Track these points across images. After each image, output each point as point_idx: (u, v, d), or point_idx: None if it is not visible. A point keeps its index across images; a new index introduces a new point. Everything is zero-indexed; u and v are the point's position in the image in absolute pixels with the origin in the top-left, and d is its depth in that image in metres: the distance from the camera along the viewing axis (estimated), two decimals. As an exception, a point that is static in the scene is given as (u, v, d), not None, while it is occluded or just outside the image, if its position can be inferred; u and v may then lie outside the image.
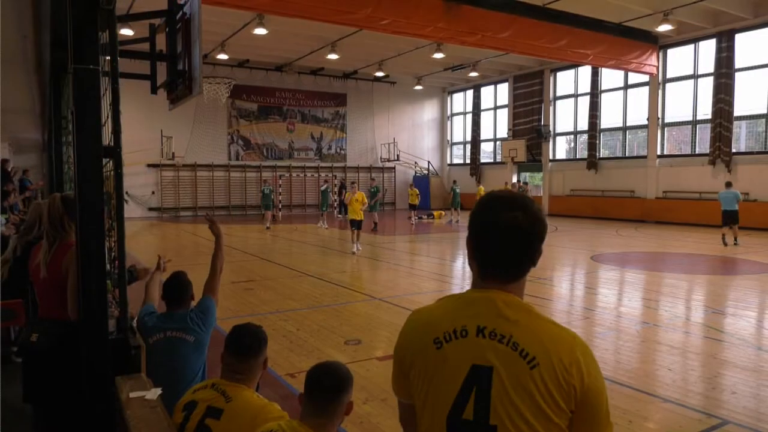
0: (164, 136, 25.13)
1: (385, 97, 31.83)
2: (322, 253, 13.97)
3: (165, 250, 15.01)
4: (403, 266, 11.65)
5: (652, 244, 15.49)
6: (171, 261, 4.16)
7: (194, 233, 19.39)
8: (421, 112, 33.58)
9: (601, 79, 24.70)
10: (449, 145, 34.37)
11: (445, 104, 34.15)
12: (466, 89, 32.62)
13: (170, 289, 3.35)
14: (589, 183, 25.20)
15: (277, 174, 28.45)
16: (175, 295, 3.32)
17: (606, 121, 25.03)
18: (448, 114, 34.14)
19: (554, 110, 27.35)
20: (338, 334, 6.38)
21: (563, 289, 9.54)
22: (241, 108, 28.21)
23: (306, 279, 10.06)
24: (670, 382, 4.95)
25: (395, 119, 32.49)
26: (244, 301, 8.18)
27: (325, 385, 2.11)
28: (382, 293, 8.66)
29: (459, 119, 33.92)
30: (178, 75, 4.07)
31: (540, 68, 27.29)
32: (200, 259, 12.98)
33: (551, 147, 27.38)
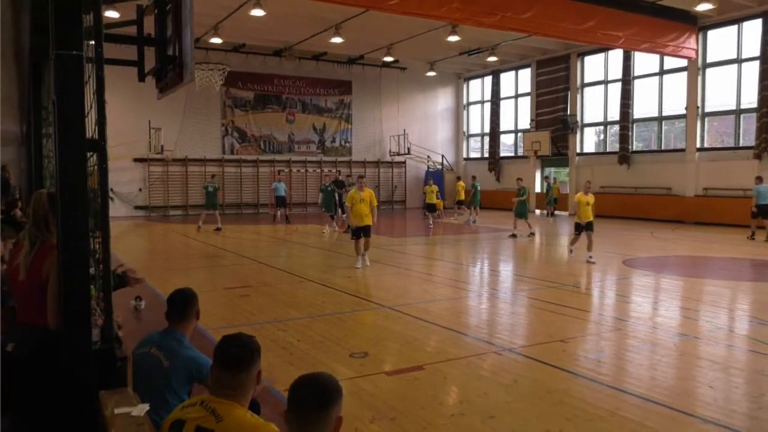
0: (152, 127, 25.27)
1: (394, 85, 31.84)
2: (325, 257, 13.99)
3: (153, 253, 15.10)
4: (414, 271, 11.64)
5: (691, 247, 15.38)
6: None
7: (185, 234, 19.48)
8: (434, 101, 33.55)
9: (633, 64, 24.56)
10: (465, 137, 34.32)
11: (460, 92, 34.10)
12: (484, 76, 32.53)
13: (171, 304, 3.37)
14: (620, 179, 25.06)
15: (275, 169, 28.55)
16: (176, 312, 3.34)
17: (639, 111, 24.88)
18: (464, 103, 34.09)
19: (582, 99, 27.22)
20: (343, 345, 6.39)
21: (592, 297, 9.49)
22: (237, 97, 28.33)
23: (307, 285, 10.07)
24: (711, 401, 4.91)
25: (406, 109, 32.48)
26: (238, 309, 8.21)
27: (308, 399, 2.08)
28: (391, 301, 8.65)
29: (476, 109, 33.85)
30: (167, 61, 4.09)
31: (566, 52, 27.18)
32: (192, 263, 13.03)
33: (578, 139, 27.26)
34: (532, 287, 9.99)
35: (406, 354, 6.14)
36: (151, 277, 10.63)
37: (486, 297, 9.37)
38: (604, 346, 6.53)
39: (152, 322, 7.24)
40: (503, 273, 11.99)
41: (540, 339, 6.69)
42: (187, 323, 3.35)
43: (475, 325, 7.46)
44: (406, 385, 5.20)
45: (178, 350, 3.19)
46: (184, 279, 10.62)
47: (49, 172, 6.51)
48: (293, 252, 14.58)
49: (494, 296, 9.36)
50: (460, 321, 7.60)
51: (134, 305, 7.95)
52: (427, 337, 6.87)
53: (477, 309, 8.60)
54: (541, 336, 6.81)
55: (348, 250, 15.20)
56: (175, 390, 3.10)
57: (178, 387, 3.12)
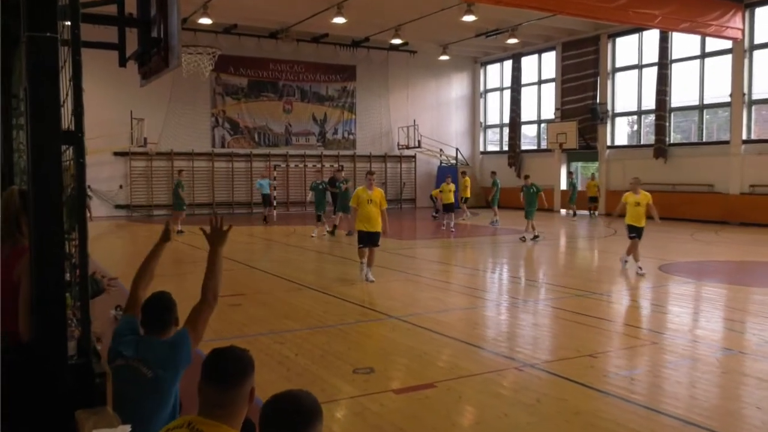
0: (135, 118, 25.40)
1: (403, 70, 31.86)
2: (326, 261, 14.00)
3: (135, 257, 15.14)
4: (425, 277, 11.64)
5: (735, 251, 15.30)
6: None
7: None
8: (447, 88, 33.54)
9: (671, 46, 24.47)
10: (482, 128, 34.29)
11: (477, 78, 34.08)
12: (503, 60, 32.50)
13: (147, 310, 3.38)
14: (656, 175, 24.96)
15: (270, 164, 28.61)
16: (153, 318, 3.35)
17: (678, 99, 24.79)
18: (481, 90, 34.07)
19: (613, 85, 27.15)
20: (346, 360, 6.39)
21: (624, 306, 9.45)
22: (228, 84, 28.43)
23: (306, 293, 10.09)
24: (760, 424, 4.88)
25: (416, 97, 32.50)
26: (229, 320, 8.23)
27: (281, 421, 2.06)
28: (399, 311, 8.66)
29: (494, 97, 33.81)
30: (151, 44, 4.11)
31: (595, 33, 27.11)
32: (179, 269, 13.08)
33: (609, 130, 27.19)
34: (557, 296, 9.96)
35: (415, 370, 6.14)
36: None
37: (505, 306, 9.36)
38: (637, 361, 6.50)
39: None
40: (525, 280, 11.97)
41: (566, 353, 6.67)
42: (165, 332, 3.36)
43: (493, 337, 7.45)
44: (415, 405, 5.20)
45: (158, 355, 3.21)
46: (170, 285, 10.58)
47: (21, 168, 6.55)
48: (290, 256, 14.61)
49: (514, 306, 9.34)
50: (476, 333, 7.59)
51: (114, 315, 7.99)
52: (440, 351, 6.87)
53: (495, 320, 8.59)
54: (567, 350, 6.79)
55: (351, 253, 15.20)
56: (163, 400, 3.11)
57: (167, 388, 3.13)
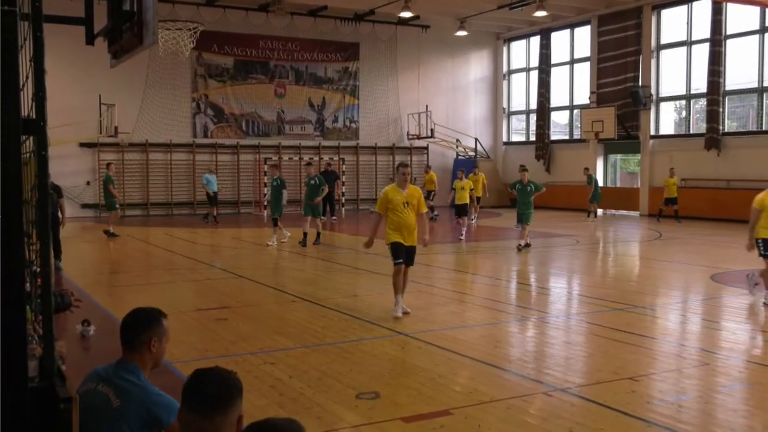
0: (104, 104, 25.48)
1: (414, 48, 31.89)
2: (325, 269, 14.02)
3: (105, 264, 15.24)
4: (440, 288, 11.63)
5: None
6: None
7: (145, 240, 19.62)
8: (465, 69, 33.54)
9: (725, 18, 24.37)
10: (506, 115, 34.27)
11: (499, 57, 34.07)
12: (530, 36, 32.47)
13: (123, 327, 3.40)
14: (708, 169, 24.87)
15: (260, 157, 28.69)
16: (128, 336, 3.37)
17: (733, 80, 24.68)
18: (505, 71, 34.05)
19: (657, 65, 27.08)
20: (347, 383, 6.40)
21: (671, 321, 9.43)
22: (211, 64, 28.52)
23: (302, 305, 10.10)
24: (828, 457, 4.85)
25: (428, 79, 32.52)
26: (214, 336, 8.25)
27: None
28: (409, 326, 8.66)
29: (520, 79, 33.78)
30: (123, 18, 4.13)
31: (637, 4, 27.05)
32: (155, 277, 13.12)
33: (653, 117, 27.12)
34: (593, 309, 9.94)
35: (428, 395, 6.13)
36: (103, 294, 10.71)
37: (532, 322, 9.34)
38: (686, 385, 6.48)
39: (103, 353, 7.30)
40: (555, 291, 11.94)
41: (603, 376, 6.66)
42: (139, 352, 3.37)
43: (518, 357, 7.44)
44: (428, 436, 5.20)
45: (132, 387, 3.21)
46: (144, 297, 10.68)
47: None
48: (284, 263, 14.64)
49: (543, 321, 9.32)
50: (499, 353, 7.58)
51: (81, 331, 8.03)
52: (456, 372, 6.86)
53: (520, 337, 8.58)
54: (605, 372, 6.78)
55: (351, 260, 15.21)
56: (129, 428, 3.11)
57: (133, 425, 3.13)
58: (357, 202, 30.94)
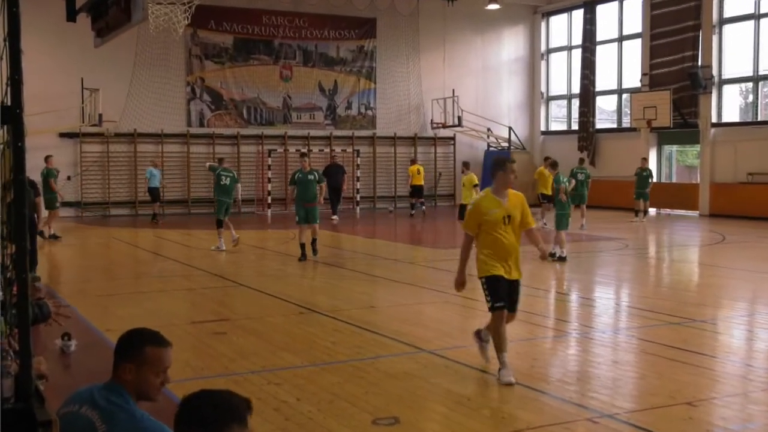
0: (87, 89, 25.63)
1: (438, 24, 31.85)
2: (336, 277, 14.02)
3: (88, 271, 15.34)
4: (468, 298, 11.59)
5: None
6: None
7: (134, 243, 19.73)
8: (497, 48, 33.43)
9: (799, -12, 24.10)
10: (544, 100, 34.12)
11: (537, 34, 33.92)
12: (572, 9, 32.32)
13: (117, 345, 3.42)
14: (778, 162, 24.63)
15: (263, 148, 28.72)
16: (115, 357, 3.39)
17: (808, 60, 24.40)
18: (543, 50, 33.90)
19: (720, 42, 26.84)
20: (362, 407, 6.40)
21: (735, 338, 9.35)
22: (208, 43, 28.64)
23: (311, 318, 10.12)
24: None
25: (455, 60, 32.46)
26: (211, 353, 8.29)
27: None
28: (433, 342, 8.65)
29: (560, 59, 33.62)
30: (109, -8, 4.16)
31: (696, -28, 26.85)
32: (144, 285, 13.21)
33: (714, 103, 26.90)
34: (644, 323, 9.88)
35: (455, 420, 6.13)
36: (85, 305, 10.79)
37: (574, 337, 9.31)
38: (753, 412, 6.43)
39: (86, 371, 7.36)
40: (600, 302, 11.88)
41: (656, 400, 6.62)
42: (118, 375, 3.39)
43: (559, 378, 7.41)
44: (455, 467, 5.21)
45: (119, 412, 3.24)
46: (132, 308, 10.75)
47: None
48: (290, 270, 14.65)
49: (586, 336, 9.28)
50: (536, 372, 7.56)
51: (61, 346, 8.09)
52: (487, 395, 6.85)
53: (562, 355, 8.56)
54: (659, 396, 6.74)
55: (367, 266, 15.20)
56: None
57: None
58: (373, 200, 30.93)
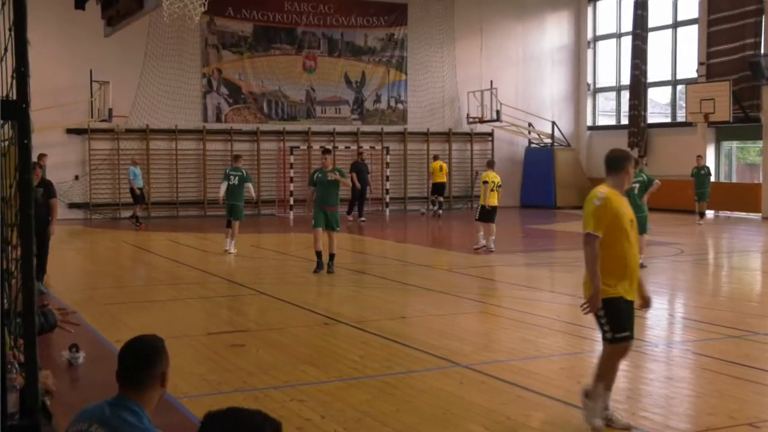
0: (96, 81, 25.86)
1: (474, 11, 31.80)
2: (364, 285, 14.00)
3: (96, 277, 15.47)
4: (507, 308, 11.54)
5: None
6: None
7: (145, 247, 19.85)
8: (539, 36, 33.29)
9: None
10: (590, 92, 33.90)
11: (583, 20, 33.74)
12: (622, -7, 32.13)
13: (125, 360, 3.42)
14: None
15: (285, 145, 28.78)
16: (126, 372, 3.40)
17: None
18: (589, 38, 33.69)
19: (785, 27, 26.50)
20: (393, 426, 6.38)
21: (802, 353, 9.22)
22: (226, 32, 28.79)
23: (336, 329, 10.11)
24: None
25: (493, 48, 32.36)
26: (228, 366, 8.32)
27: None
28: (470, 356, 8.61)
29: (608, 47, 33.39)
30: (120, -23, 4.18)
31: (758, -48, 26.54)
32: (156, 293, 13.28)
33: (779, 94, 26.57)
34: (701, 336, 9.79)
35: (493, 442, 6.09)
36: (94, 314, 10.87)
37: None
38: (822, 434, 6.33)
39: (95, 385, 7.40)
40: (652, 313, 11.75)
41: (714, 421, 6.55)
42: (147, 389, 3.40)
43: (607, 396, 7.35)
44: (493, 493, 5.17)
45: (133, 430, 3.25)
46: (144, 317, 10.81)
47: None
48: (313, 277, 14.65)
49: (638, 350, 9.16)
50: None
51: (68, 358, 8.15)
52: (528, 414, 6.80)
53: (610, 371, 8.48)
54: (717, 416, 6.67)
55: (395, 272, 15.18)
56: None
57: None
58: (404, 201, 30.93)
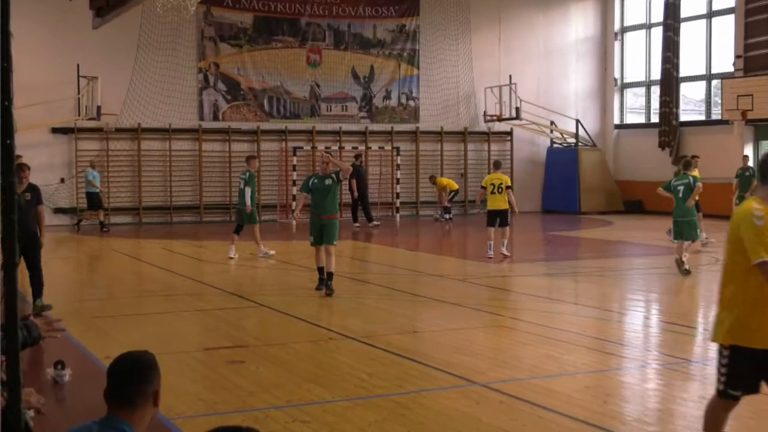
0: (84, 77, 25.88)
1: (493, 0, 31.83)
2: (373, 296, 13.99)
3: (84, 287, 15.50)
4: (526, 322, 11.51)
5: None
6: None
7: (136, 256, 19.88)
8: (562, 27, 33.27)
9: None
10: (618, 88, 33.83)
11: (609, 10, 33.71)
12: (652, -20, 32.09)
13: (114, 377, 3.43)
14: None
15: (287, 145, 28.79)
16: (121, 390, 3.41)
17: None
18: (617, 29, 33.64)
19: (829, 17, 26.43)
20: (403, 449, 6.39)
21: None
22: (224, 23, 28.82)
23: (343, 344, 10.10)
24: None
25: (513, 41, 32.35)
26: (226, 385, 8.31)
27: None
28: (487, 374, 8.59)
29: (637, 39, 33.34)
30: (110, -36, 4.20)
31: (800, -65, 26.48)
32: (148, 305, 13.30)
33: (823, 90, 26.48)
34: (739, 353, 9.73)
35: (513, 467, 6.08)
36: (81, 328, 10.88)
37: (654, 369, 9.19)
38: None
39: (83, 405, 7.41)
40: (684, 326, 11.72)
41: (754, 445, 6.51)
42: (138, 409, 3.41)
43: (637, 418, 7.33)
44: None
45: None
46: (134, 331, 10.82)
47: None
48: (313, 286, 14.64)
49: (670, 367, 9.15)
50: (610, 411, 7.48)
51: (54, 376, 8.16)
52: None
53: (639, 390, 8.47)
54: (756, 440, 6.63)
55: (406, 282, 15.17)
56: None
57: None
58: (416, 206, 30.88)
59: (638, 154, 30.87)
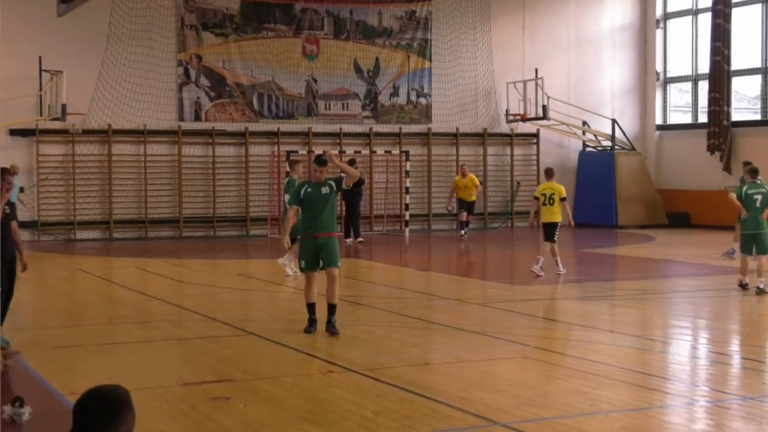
0: (46, 71, 25.97)
1: (515, -18, 31.89)
2: (378, 323, 13.99)
3: (47, 313, 15.52)
4: (556, 353, 11.52)
5: None
6: None
7: (107, 277, 19.89)
8: (596, 14, 33.36)
9: None
10: (660, 83, 33.85)
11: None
12: (699, -41, 32.18)
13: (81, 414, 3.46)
14: None
15: (279, 149, 28.78)
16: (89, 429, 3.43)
17: None
18: (659, 15, 33.70)
19: None
20: (413, 500, 6.38)
21: None
22: (207, 9, 28.94)
23: (343, 378, 10.10)
24: None
25: (539, 29, 32.47)
26: (209, 425, 8.31)
27: None
28: (511, 413, 8.59)
29: (682, 26, 33.42)
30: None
31: None
32: (120, 333, 13.31)
33: None
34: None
35: None
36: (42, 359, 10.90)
37: (702, 406, 9.20)
38: None
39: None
40: (736, 359, 11.71)
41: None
42: None
43: (682, 463, 7.32)
44: None
45: None
46: (104, 363, 10.82)
47: None
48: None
49: (719, 405, 9.14)
50: (651, 455, 7.47)
51: (11, 414, 8.18)
52: (584, 486, 6.78)
53: (684, 430, 8.46)
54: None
55: (417, 308, 15.15)
56: None
57: None
58: (428, 219, 30.89)
59: (683, 159, 30.86)
